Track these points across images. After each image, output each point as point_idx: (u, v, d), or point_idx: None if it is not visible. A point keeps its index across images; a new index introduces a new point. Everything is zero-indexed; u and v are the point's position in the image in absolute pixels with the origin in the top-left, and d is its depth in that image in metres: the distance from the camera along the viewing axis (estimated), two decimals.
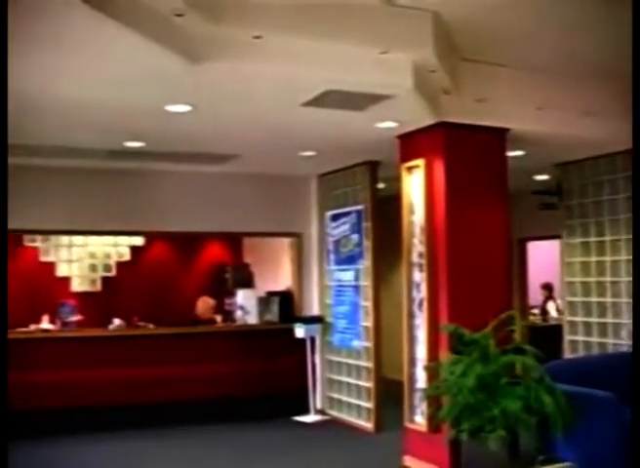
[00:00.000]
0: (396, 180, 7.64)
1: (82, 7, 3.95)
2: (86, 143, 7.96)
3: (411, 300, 7.28)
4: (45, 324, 9.96)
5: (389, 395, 8.71)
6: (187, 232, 10.13)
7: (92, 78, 5.46)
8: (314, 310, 10.21)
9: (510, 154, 7.40)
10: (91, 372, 8.97)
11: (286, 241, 10.71)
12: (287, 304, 10.17)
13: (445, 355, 6.54)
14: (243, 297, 10.40)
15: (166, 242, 12.16)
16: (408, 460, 7.21)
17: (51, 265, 11.96)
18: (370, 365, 8.94)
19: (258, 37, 5.01)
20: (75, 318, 10.32)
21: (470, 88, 6.62)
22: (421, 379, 7.10)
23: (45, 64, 5.11)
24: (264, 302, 10.28)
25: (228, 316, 10.85)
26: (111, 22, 4.21)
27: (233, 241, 12.57)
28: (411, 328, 7.27)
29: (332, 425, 9.39)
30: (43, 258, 11.90)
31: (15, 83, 5.46)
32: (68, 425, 8.67)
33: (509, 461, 5.91)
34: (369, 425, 8.92)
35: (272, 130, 7.37)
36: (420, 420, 7.12)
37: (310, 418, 9.53)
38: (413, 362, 7.25)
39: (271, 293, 10.43)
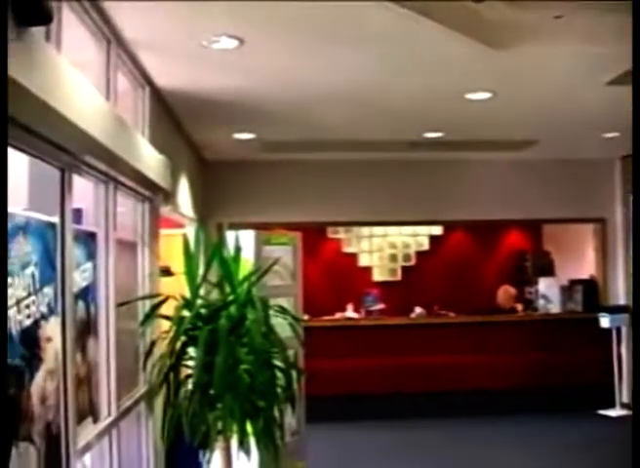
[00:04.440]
0: None
1: (387, 4, 4.10)
2: (388, 136, 8.22)
3: None
4: (350, 312, 10.38)
5: None
6: (487, 220, 10.13)
7: (393, 70, 5.62)
8: (620, 299, 9.81)
9: None
10: (393, 359, 9.26)
11: (587, 227, 10.40)
12: (591, 293, 9.90)
13: None
14: (545, 286, 10.26)
15: (464, 230, 12.19)
16: None
17: (353, 256, 12.41)
18: None
19: (559, 17, 4.89)
20: (378, 307, 10.67)
21: None
22: None
23: (350, 61, 5.32)
24: (567, 291, 10.06)
25: (529, 305, 10.72)
26: (410, 14, 4.31)
27: (533, 228, 12.35)
28: None
29: None
30: (346, 250, 12.37)
31: (322, 81, 5.79)
32: (366, 410, 9.01)
33: None
34: None
35: (574, 112, 7.16)
36: None
37: (615, 412, 9.19)
38: None
39: (574, 282, 10.18)
